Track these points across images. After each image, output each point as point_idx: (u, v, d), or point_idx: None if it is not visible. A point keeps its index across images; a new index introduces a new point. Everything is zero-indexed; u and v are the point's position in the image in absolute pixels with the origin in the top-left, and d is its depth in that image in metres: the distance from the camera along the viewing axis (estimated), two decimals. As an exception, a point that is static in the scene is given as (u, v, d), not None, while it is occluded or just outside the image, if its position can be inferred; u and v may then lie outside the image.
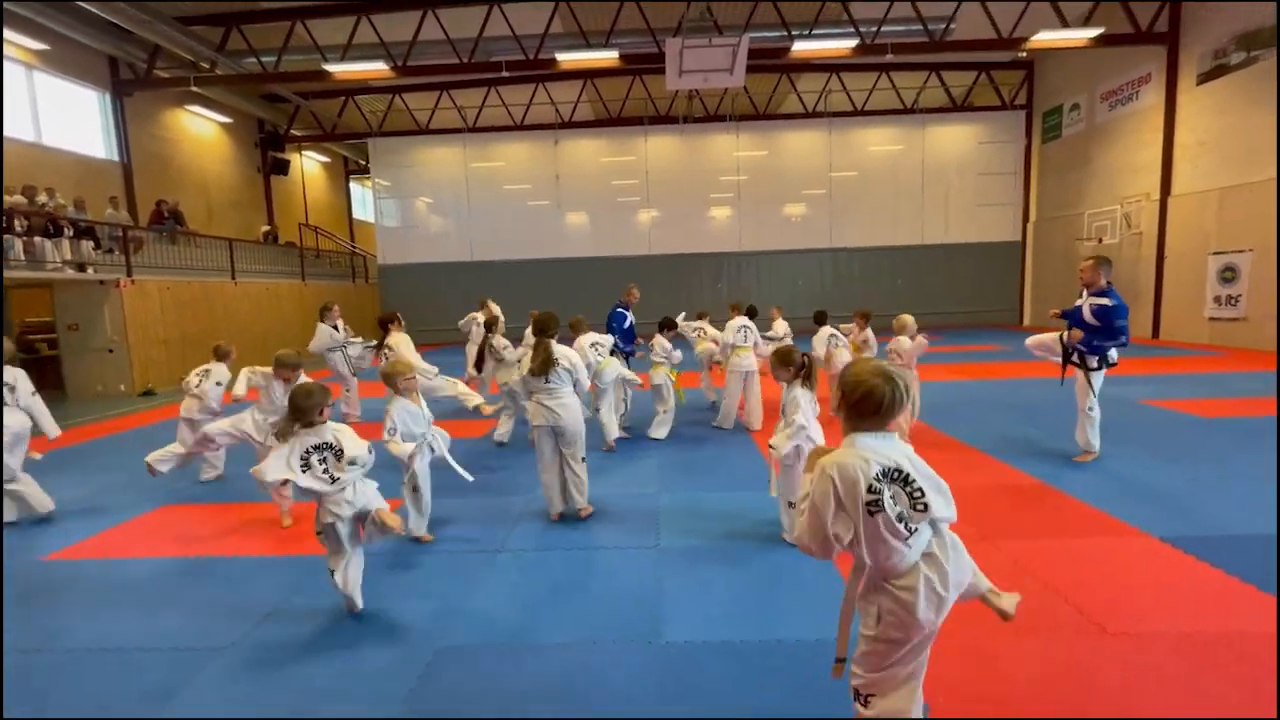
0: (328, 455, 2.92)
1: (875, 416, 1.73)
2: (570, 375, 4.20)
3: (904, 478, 1.70)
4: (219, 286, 13.11)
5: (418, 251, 19.35)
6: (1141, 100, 14.20)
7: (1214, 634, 2.67)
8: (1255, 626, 2.73)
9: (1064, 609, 2.91)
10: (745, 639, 2.77)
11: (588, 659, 2.68)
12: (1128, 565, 3.35)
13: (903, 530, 1.67)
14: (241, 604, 3.27)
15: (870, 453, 1.70)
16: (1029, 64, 17.83)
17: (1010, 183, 18.68)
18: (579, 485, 4.28)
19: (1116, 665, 2.49)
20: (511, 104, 18.54)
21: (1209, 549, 3.44)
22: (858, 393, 1.74)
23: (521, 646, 2.79)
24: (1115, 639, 2.66)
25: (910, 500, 1.69)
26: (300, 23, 13.31)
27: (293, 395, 2.95)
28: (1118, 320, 4.58)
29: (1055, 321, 5.12)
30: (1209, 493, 4.34)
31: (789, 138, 19.14)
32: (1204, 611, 2.86)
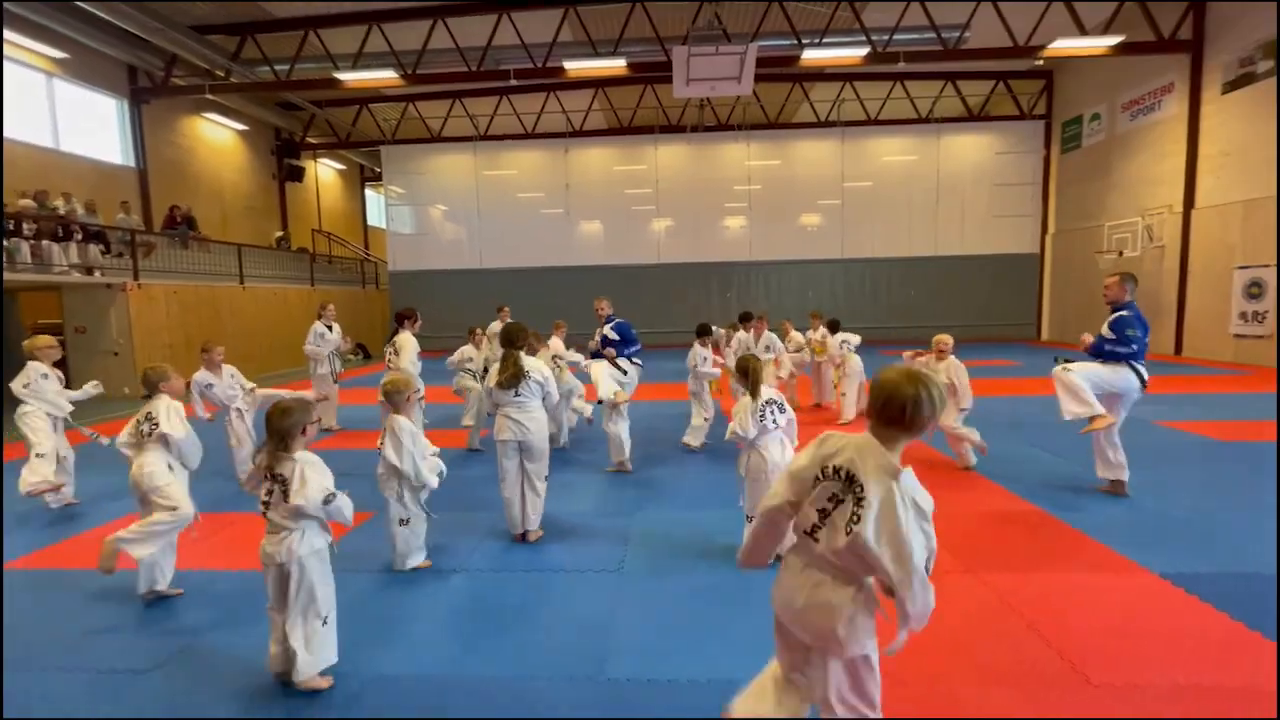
0: (275, 488, 2.45)
1: (899, 424, 1.64)
2: (541, 388, 4.06)
3: (855, 492, 1.63)
4: (226, 291, 13.23)
5: (429, 258, 19.42)
6: (1164, 110, 13.77)
7: (1211, 688, 2.42)
8: (1258, 681, 2.47)
9: (1046, 654, 2.67)
10: (693, 678, 2.58)
11: (521, 695, 2.50)
12: (1122, 605, 3.09)
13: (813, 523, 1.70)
14: (181, 619, 3.15)
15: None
16: (1048, 73, 17.45)
17: (1028, 194, 18.24)
18: (535, 505, 4.10)
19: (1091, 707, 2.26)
20: (523, 112, 18.60)
21: (1213, 587, 3.17)
22: (881, 398, 1.67)
23: (452, 679, 2.62)
24: (1099, 691, 2.42)
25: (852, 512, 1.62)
26: (313, 31, 13.47)
27: (268, 414, 2.50)
28: (1128, 329, 4.33)
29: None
30: (1217, 524, 4.05)
31: (801, 147, 18.93)
32: (1202, 661, 2.60)
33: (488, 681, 2.60)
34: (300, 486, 2.41)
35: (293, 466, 2.45)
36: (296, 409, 2.52)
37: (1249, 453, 5.74)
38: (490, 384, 4.14)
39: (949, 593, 3.23)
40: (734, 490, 4.98)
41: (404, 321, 6.53)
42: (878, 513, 1.58)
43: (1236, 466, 5.34)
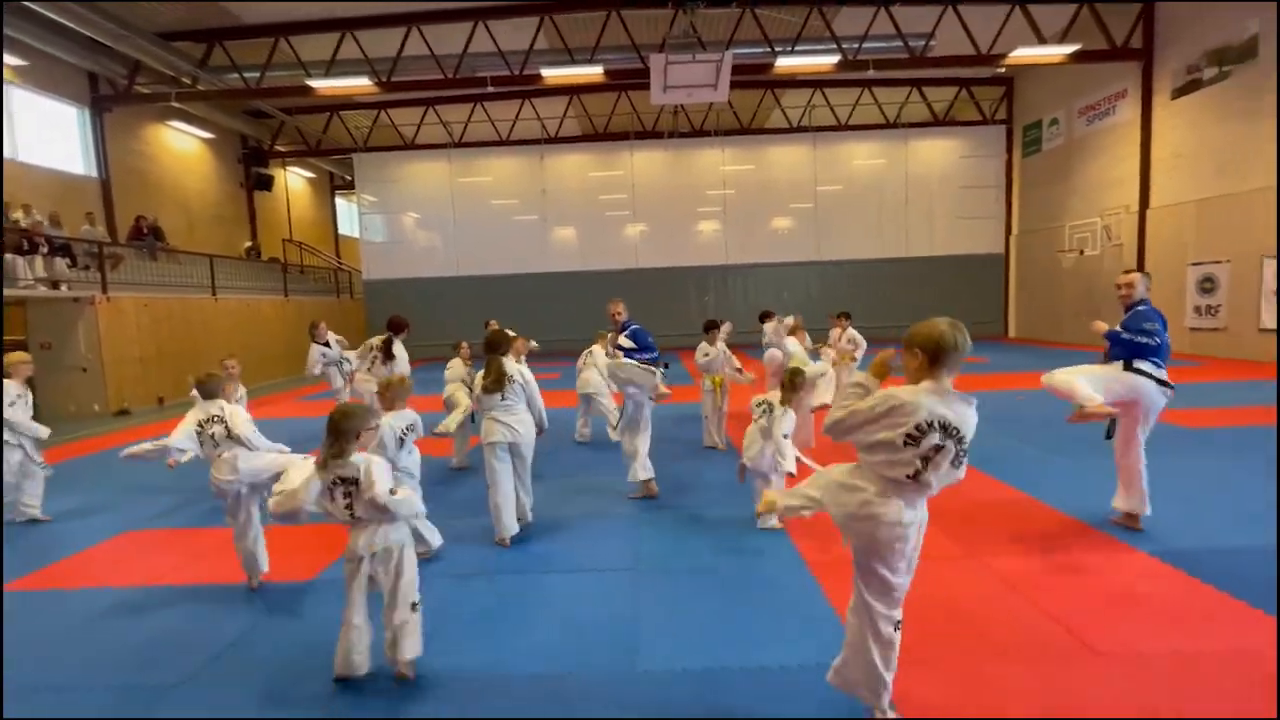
0: (351, 489, 2.56)
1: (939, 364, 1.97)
2: (524, 391, 4.20)
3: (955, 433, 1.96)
4: (199, 303, 12.91)
5: (403, 267, 19.22)
6: (1118, 115, 14.44)
7: (1205, 652, 2.60)
8: (1245, 643, 2.66)
9: (1053, 630, 2.83)
10: (725, 665, 2.67)
11: (560, 690, 2.56)
12: (1115, 582, 3.28)
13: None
14: (196, 637, 3.12)
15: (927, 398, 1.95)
16: (1008, 80, 18.12)
17: (992, 196, 18.89)
18: (527, 500, 4.37)
19: (1104, 687, 2.41)
20: (497, 119, 18.57)
21: (1196, 563, 3.39)
22: (931, 345, 1.97)
23: (493, 679, 2.67)
24: (1106, 659, 2.58)
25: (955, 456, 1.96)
26: (284, 39, 13.27)
27: (332, 415, 2.61)
28: (1146, 322, 3.77)
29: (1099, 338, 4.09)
30: (1192, 505, 4.30)
31: (774, 152, 19.29)
32: (1194, 629, 2.79)
33: (525, 679, 2.64)
34: (370, 482, 2.52)
35: (357, 466, 2.55)
36: (358, 413, 2.65)
37: (1215, 438, 6.08)
38: (476, 390, 4.30)
39: (957, 577, 3.39)
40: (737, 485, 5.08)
41: (403, 330, 6.34)
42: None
43: (1204, 452, 5.65)
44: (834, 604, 3.09)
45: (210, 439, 3.60)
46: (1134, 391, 3.76)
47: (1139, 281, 3.95)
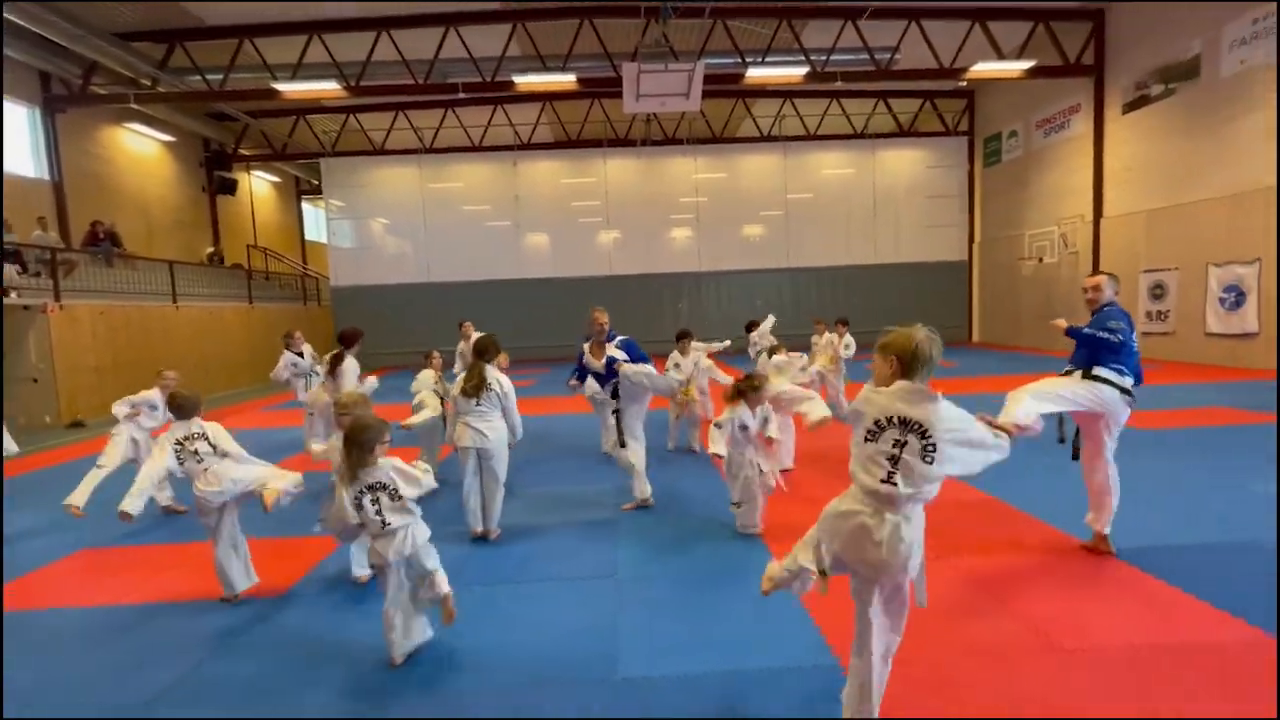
0: (380, 496, 2.71)
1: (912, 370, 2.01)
2: (500, 400, 4.26)
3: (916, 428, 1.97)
4: (158, 310, 12.51)
5: (373, 273, 18.92)
6: (1072, 128, 15.03)
7: (1163, 647, 2.73)
8: (1200, 638, 2.79)
9: (1019, 628, 2.93)
10: (706, 670, 2.70)
11: (539, 699, 2.56)
12: (1075, 580, 3.41)
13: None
14: (167, 656, 3.03)
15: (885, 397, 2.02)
16: (970, 93, 18.71)
17: (956, 205, 19.45)
18: (494, 507, 4.36)
19: (1067, 683, 2.51)
20: (469, 125, 18.46)
21: (1151, 560, 3.54)
22: (895, 350, 2.04)
23: (472, 687, 2.66)
24: (1070, 655, 2.68)
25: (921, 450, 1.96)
26: (249, 40, 13.00)
27: (350, 429, 2.75)
28: (1111, 320, 3.51)
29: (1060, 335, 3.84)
30: (1146, 504, 4.49)
31: (746, 160, 19.56)
32: (1149, 624, 2.92)
33: (504, 688, 2.64)
34: (405, 484, 2.73)
35: (386, 471, 2.74)
36: (374, 424, 2.77)
37: (1165, 439, 6.36)
38: (455, 392, 4.37)
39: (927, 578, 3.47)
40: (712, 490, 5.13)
41: (354, 343, 6.02)
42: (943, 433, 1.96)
43: (1155, 452, 5.90)
44: (808, 606, 3.16)
45: (194, 455, 3.53)
46: (1096, 402, 3.46)
47: (1105, 284, 3.73)
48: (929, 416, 1.96)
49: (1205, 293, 11.76)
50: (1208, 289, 11.71)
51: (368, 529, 2.75)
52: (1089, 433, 3.70)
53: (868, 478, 2.02)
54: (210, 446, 3.57)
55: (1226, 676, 2.51)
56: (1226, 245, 11.34)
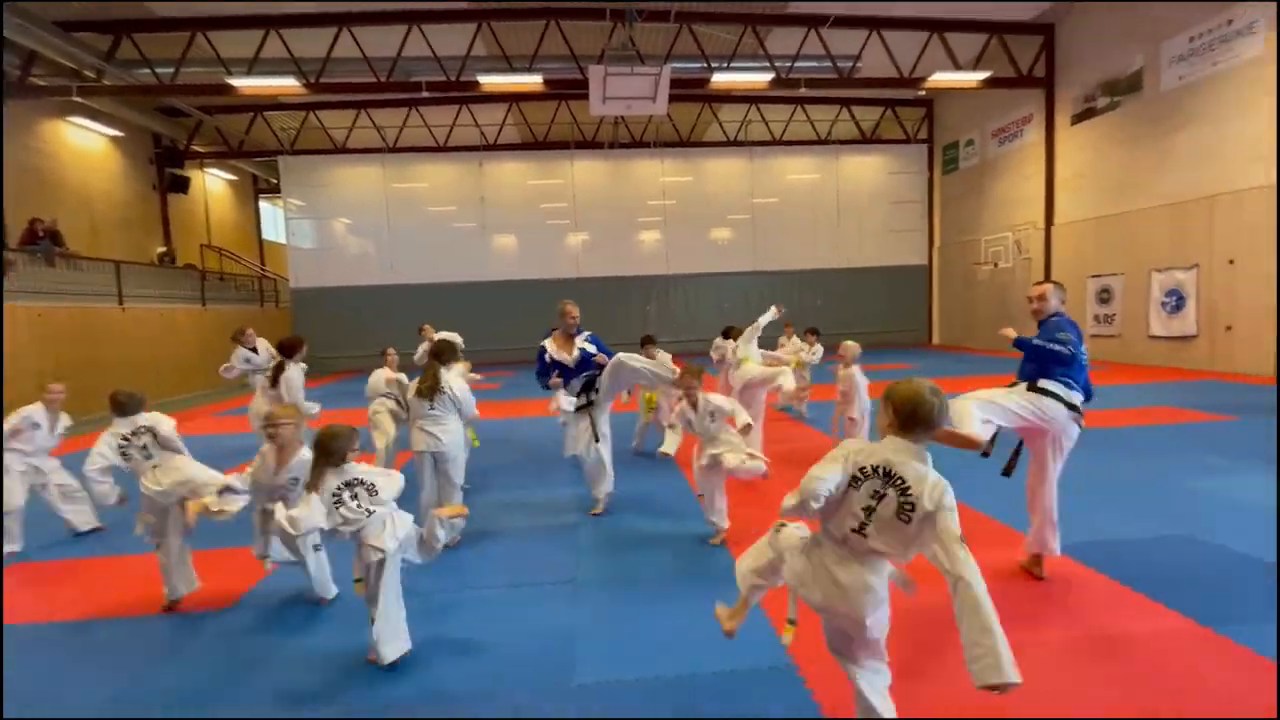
0: (359, 490, 2.78)
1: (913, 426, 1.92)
2: (454, 405, 4.22)
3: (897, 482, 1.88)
4: (103, 313, 11.98)
5: (334, 274, 18.48)
6: (1025, 137, 15.57)
7: (1100, 638, 2.82)
8: (1135, 626, 2.91)
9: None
10: (663, 674, 2.69)
11: (491, 708, 2.52)
12: (1019, 575, 3.52)
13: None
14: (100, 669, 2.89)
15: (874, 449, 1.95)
16: (929, 102, 19.22)
17: (917, 210, 19.95)
18: None
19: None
20: (434, 125, 18.20)
21: (1087, 553, 3.67)
22: (908, 408, 1.91)
23: (424, 698, 2.60)
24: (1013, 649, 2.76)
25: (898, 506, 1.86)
26: (201, 34, 12.57)
27: (320, 438, 2.79)
28: (1060, 331, 3.30)
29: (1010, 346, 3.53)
30: (1089, 501, 4.65)
31: (713, 164, 19.72)
32: (1089, 616, 3.02)
33: (457, 697, 2.59)
34: (384, 480, 2.84)
35: (362, 471, 2.82)
36: (344, 433, 2.82)
37: (1107, 438, 6.61)
38: (410, 394, 4.33)
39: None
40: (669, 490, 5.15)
41: (293, 353, 5.75)
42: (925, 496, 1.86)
43: (1097, 450, 6.12)
44: (767, 610, 3.18)
45: (141, 450, 3.52)
46: (1041, 416, 3.23)
47: (1051, 292, 3.49)
48: (916, 477, 1.87)
49: (1148, 297, 12.29)
50: (1150, 294, 12.24)
51: (350, 526, 2.71)
52: (1033, 451, 3.45)
53: (836, 527, 1.96)
54: (155, 438, 3.54)
55: (1157, 666, 2.61)
56: (1168, 252, 11.88)
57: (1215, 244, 11.01)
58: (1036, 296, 3.53)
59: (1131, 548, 3.79)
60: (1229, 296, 10.85)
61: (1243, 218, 10.52)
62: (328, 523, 2.71)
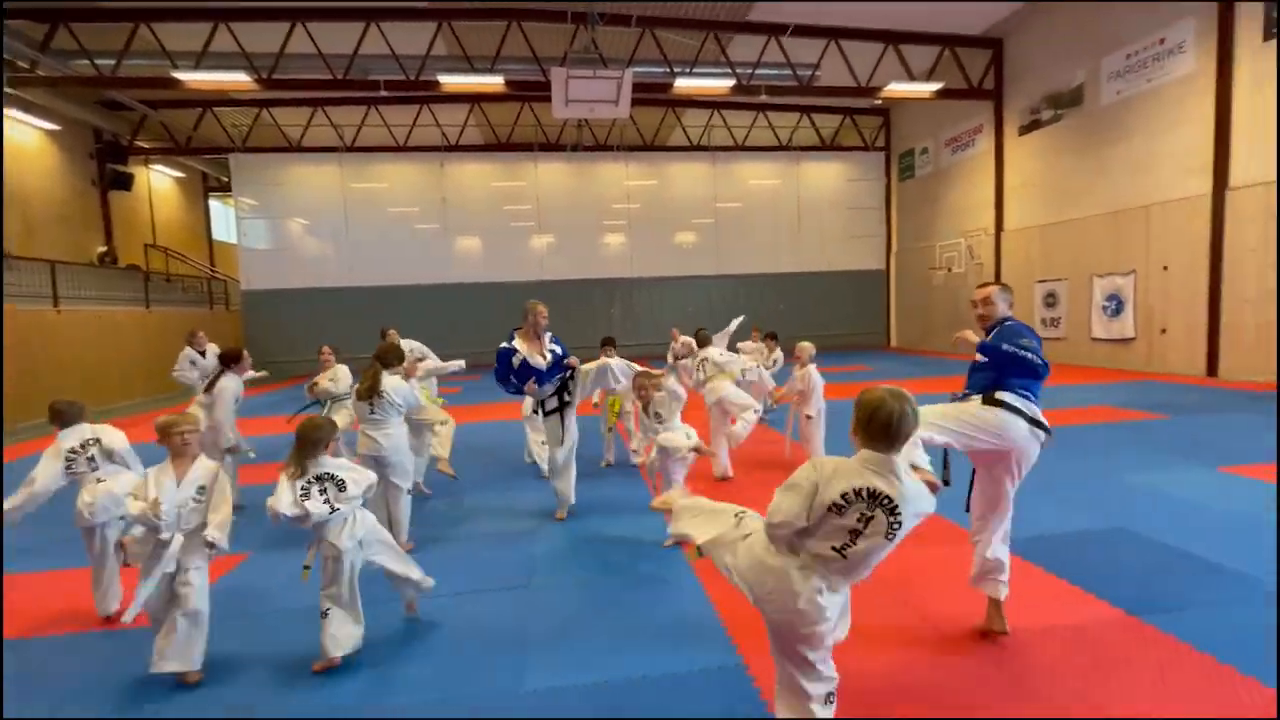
0: (328, 486, 2.83)
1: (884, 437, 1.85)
2: (395, 410, 4.19)
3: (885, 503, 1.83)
4: (36, 316, 11.37)
5: (289, 276, 17.94)
6: (976, 147, 16.12)
7: (1035, 629, 2.93)
8: (1069, 618, 3.02)
9: (912, 618, 3.09)
10: (613, 678, 2.68)
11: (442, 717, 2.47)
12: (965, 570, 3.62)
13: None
14: (26, 691, 2.73)
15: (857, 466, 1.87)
16: (886, 111, 19.74)
17: (875, 216, 20.45)
18: (398, 518, 4.21)
19: (943, 666, 2.66)
20: (394, 124, 17.86)
21: (1029, 549, 3.80)
22: (867, 415, 1.87)
23: (373, 710, 2.53)
24: (954, 643, 2.84)
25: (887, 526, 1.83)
26: (145, 25, 12.08)
27: (302, 428, 2.89)
28: (1021, 338, 2.81)
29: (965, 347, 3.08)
30: (1028, 496, 4.78)
31: (676, 169, 19.85)
32: (1026, 609, 3.13)
33: (407, 708, 2.53)
34: (354, 477, 2.89)
35: (336, 465, 2.90)
36: (325, 424, 2.96)
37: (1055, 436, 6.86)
38: (352, 399, 4.37)
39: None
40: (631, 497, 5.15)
41: (231, 364, 5.51)
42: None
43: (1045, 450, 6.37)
44: (719, 610, 3.20)
45: (89, 461, 3.39)
46: (1001, 436, 2.74)
47: (997, 295, 3.05)
48: (905, 497, 1.83)
49: (1090, 301, 12.85)
50: (1093, 298, 12.80)
51: (312, 519, 2.76)
52: (989, 477, 2.96)
53: (819, 544, 1.87)
54: (105, 452, 3.43)
55: (1088, 655, 2.72)
56: (1108, 258, 12.44)
57: (1151, 251, 11.59)
58: (981, 300, 3.09)
59: (1067, 541, 3.94)
60: (1164, 300, 11.42)
61: (1176, 226, 11.10)
62: (291, 511, 2.73)
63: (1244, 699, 2.39)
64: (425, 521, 4.80)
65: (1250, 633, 2.82)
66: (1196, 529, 4.04)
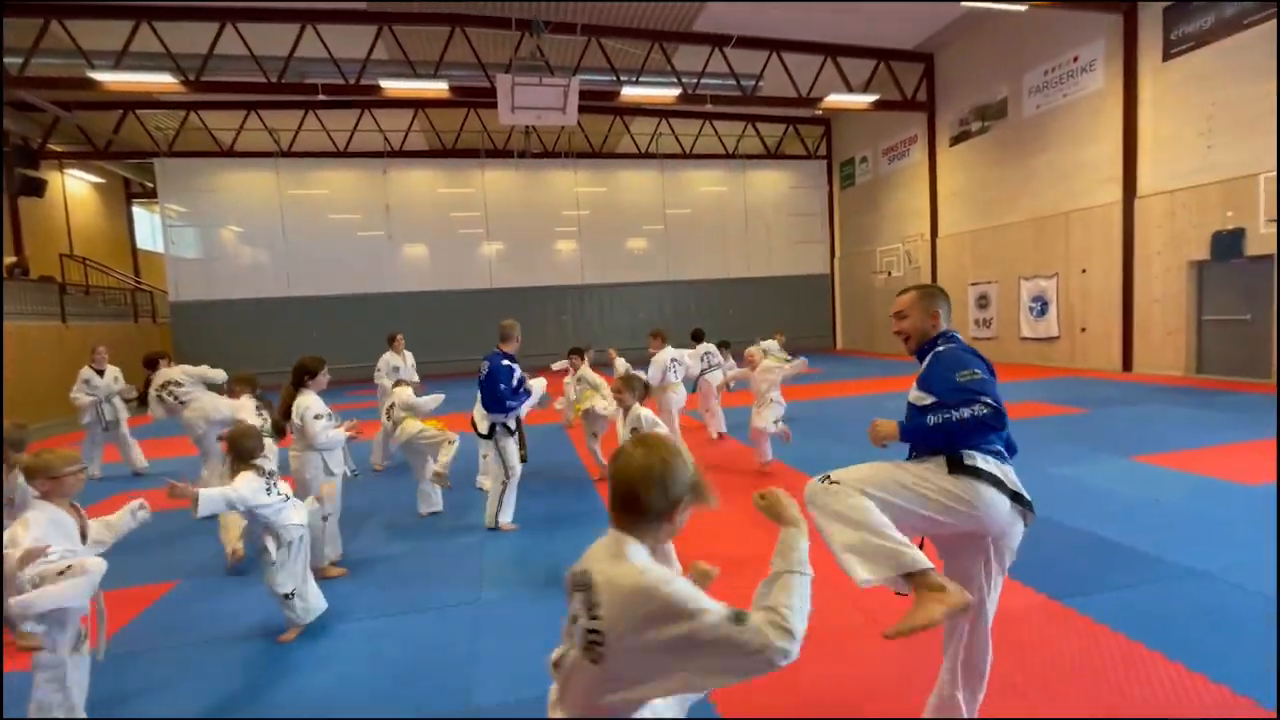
0: (274, 479, 3.23)
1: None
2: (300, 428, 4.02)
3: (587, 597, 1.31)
4: (-65, 332, 10.51)
5: (222, 286, 17.15)
6: (912, 156, 16.84)
7: (967, 618, 3.07)
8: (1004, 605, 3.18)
9: (848, 610, 3.19)
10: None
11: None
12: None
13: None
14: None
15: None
16: (827, 121, 20.40)
17: (818, 223, 21.07)
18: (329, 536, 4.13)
19: (878, 659, 2.77)
20: (333, 129, 17.33)
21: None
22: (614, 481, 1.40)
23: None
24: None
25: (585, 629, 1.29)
26: (56, 21, 11.37)
27: (232, 438, 3.27)
28: (960, 372, 2.03)
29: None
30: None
31: (626, 176, 19.96)
32: (961, 599, 3.28)
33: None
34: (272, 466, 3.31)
35: (267, 463, 3.28)
36: (253, 433, 3.35)
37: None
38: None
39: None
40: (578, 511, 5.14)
41: (158, 364, 5.65)
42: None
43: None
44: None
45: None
46: (972, 516, 1.95)
47: (915, 304, 2.23)
48: (614, 588, 1.28)
49: (1019, 303, 13.58)
50: (1020, 299, 13.53)
51: (270, 509, 3.13)
52: (965, 565, 2.11)
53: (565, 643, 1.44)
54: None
55: (1013, 638, 2.87)
56: (1033, 261, 13.18)
57: (1071, 255, 12.35)
58: (896, 313, 2.28)
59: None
60: (1083, 301, 12.18)
61: (1092, 232, 11.87)
62: (264, 500, 3.09)
63: (1153, 673, 2.57)
64: (371, 541, 4.67)
65: (1157, 611, 3.03)
66: (1109, 515, 4.32)
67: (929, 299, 2.23)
